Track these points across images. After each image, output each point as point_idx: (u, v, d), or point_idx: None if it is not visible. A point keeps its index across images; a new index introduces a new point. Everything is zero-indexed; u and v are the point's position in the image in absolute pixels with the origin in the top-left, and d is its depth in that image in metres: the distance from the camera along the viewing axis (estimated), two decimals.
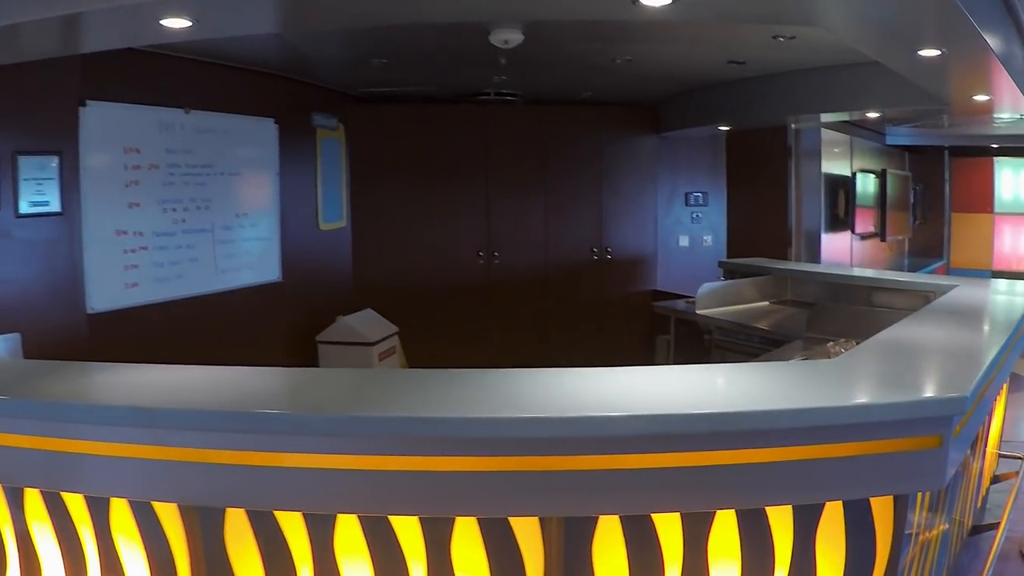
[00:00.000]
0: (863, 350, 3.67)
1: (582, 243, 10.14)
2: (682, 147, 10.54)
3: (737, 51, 7.00)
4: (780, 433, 2.63)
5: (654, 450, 2.59)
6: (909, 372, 3.37)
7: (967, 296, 5.75)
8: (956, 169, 15.29)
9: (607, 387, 2.94)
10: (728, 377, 3.23)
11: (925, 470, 2.81)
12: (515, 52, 6.16)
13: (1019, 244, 14.91)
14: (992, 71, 5.38)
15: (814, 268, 8.32)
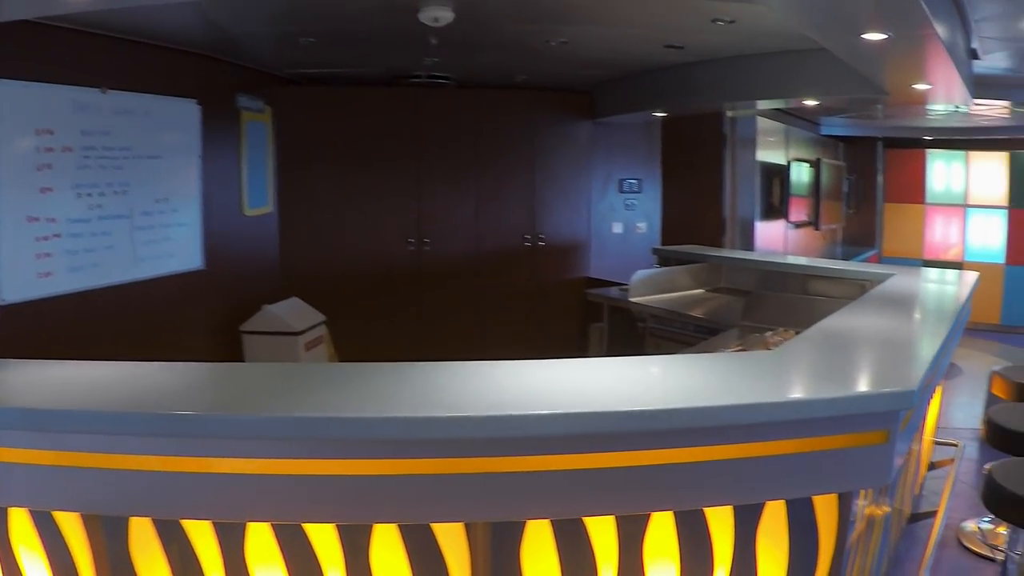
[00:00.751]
0: (803, 341, 3.61)
1: (514, 230, 10.04)
2: (617, 133, 10.47)
3: (675, 35, 6.92)
4: (720, 431, 2.55)
5: (585, 450, 2.49)
6: (852, 365, 3.33)
7: (903, 285, 5.74)
8: (889, 160, 15.51)
9: (536, 382, 2.83)
10: (664, 371, 3.13)
11: (871, 467, 2.77)
12: (446, 33, 6.05)
13: (949, 234, 15.13)
14: (936, 59, 5.34)
15: (750, 256, 8.33)
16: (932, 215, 15.16)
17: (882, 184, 15.53)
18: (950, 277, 6.66)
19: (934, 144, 15.05)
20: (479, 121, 9.90)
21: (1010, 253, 14.57)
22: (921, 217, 15.21)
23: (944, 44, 4.88)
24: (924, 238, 15.23)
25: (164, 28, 6.45)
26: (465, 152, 9.85)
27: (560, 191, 10.13)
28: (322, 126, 9.37)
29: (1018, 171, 14.54)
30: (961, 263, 14.67)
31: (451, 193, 9.83)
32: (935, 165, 15.12)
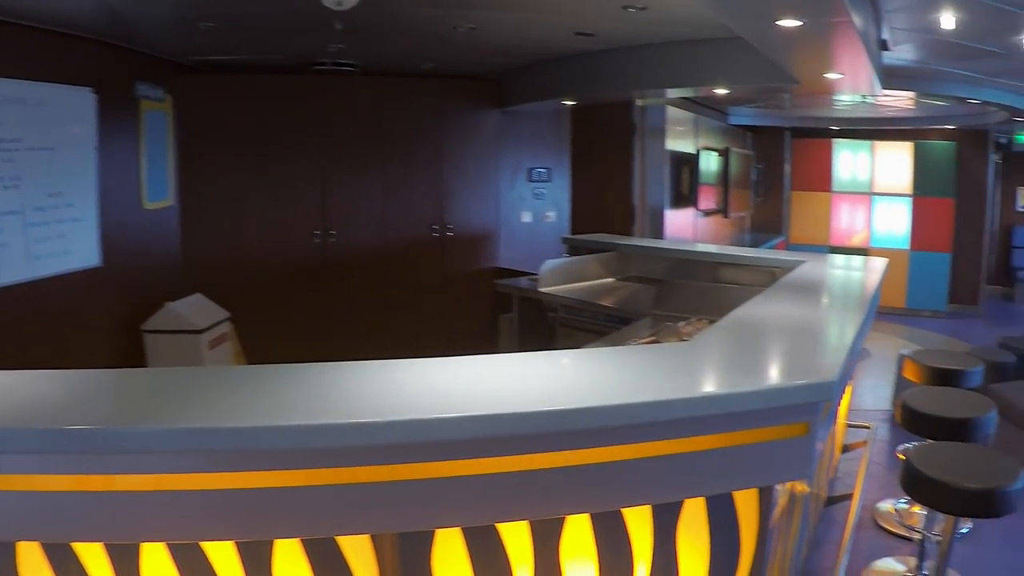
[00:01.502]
0: (717, 331, 3.59)
1: (422, 220, 9.98)
2: (526, 122, 10.45)
3: (585, 22, 6.91)
4: (636, 429, 2.49)
5: (496, 454, 2.39)
6: (770, 356, 3.31)
7: (814, 272, 5.80)
8: (797, 149, 15.84)
9: (442, 382, 2.69)
10: (576, 366, 3.04)
11: (792, 459, 2.76)
12: (351, 17, 5.96)
13: (855, 221, 15.53)
14: (850, 48, 5.39)
15: (660, 244, 8.36)
16: (838, 203, 15.57)
17: (789, 173, 15.86)
18: (860, 264, 6.75)
19: (841, 134, 15.41)
20: (386, 109, 9.80)
21: (914, 239, 15.04)
22: (828, 205, 15.59)
23: (859, 33, 4.92)
24: (831, 225, 15.66)
25: (57, 11, 6.23)
26: (371, 141, 9.74)
27: (468, 180, 10.09)
28: (224, 115, 9.19)
29: (922, 160, 14.96)
30: (867, 249, 15.13)
31: (357, 183, 9.73)
32: (841, 154, 15.52)
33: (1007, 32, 6.57)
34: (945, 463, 3.72)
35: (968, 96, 9.69)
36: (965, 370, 5.82)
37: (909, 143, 15.03)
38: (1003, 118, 11.99)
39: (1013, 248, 17.80)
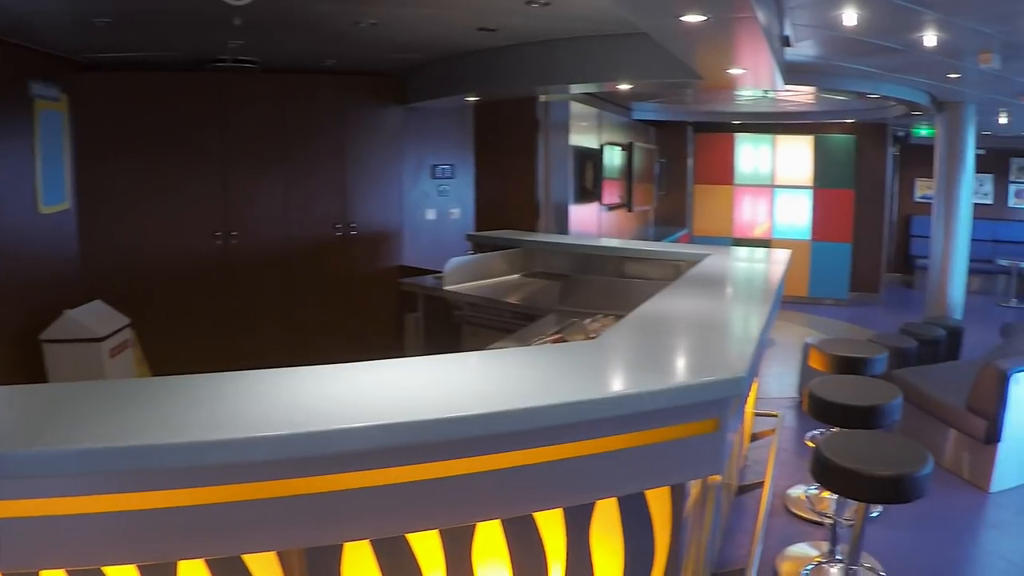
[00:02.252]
0: (624, 328, 3.61)
1: (325, 219, 9.91)
2: (429, 118, 10.44)
3: (488, 18, 6.92)
4: (544, 432, 2.47)
5: (402, 463, 2.34)
6: (677, 352, 3.33)
7: (718, 265, 5.88)
8: (699, 143, 16.14)
9: (343, 391, 2.61)
10: (481, 369, 2.99)
11: (703, 456, 2.78)
12: (250, 13, 5.88)
13: (757, 213, 15.90)
14: (753, 44, 5.47)
15: (564, 240, 8.38)
16: (741, 195, 15.93)
17: (692, 167, 16.12)
18: (763, 255, 6.88)
19: (742, 128, 15.75)
20: (287, 107, 9.70)
21: (816, 230, 15.45)
22: (730, 198, 15.93)
23: (763, 29, 5.00)
24: (733, 217, 16.02)
25: None
26: (273, 139, 9.64)
27: (372, 178, 10.05)
28: (123, 115, 8.97)
29: (823, 153, 15.35)
30: (769, 241, 15.57)
31: (259, 183, 9.61)
32: (743, 148, 15.88)
33: (906, 29, 6.74)
34: (854, 451, 3.81)
35: (867, 91, 9.90)
36: (869, 357, 5.99)
37: (810, 137, 15.42)
38: (902, 112, 12.30)
39: (911, 237, 18.34)
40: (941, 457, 7.24)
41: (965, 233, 11.59)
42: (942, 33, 6.76)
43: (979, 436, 6.72)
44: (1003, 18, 6.24)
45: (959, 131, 11.46)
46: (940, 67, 8.47)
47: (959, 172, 11.50)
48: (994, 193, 18.60)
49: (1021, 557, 5.62)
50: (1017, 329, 10.33)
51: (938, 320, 10.27)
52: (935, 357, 9.19)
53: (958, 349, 9.96)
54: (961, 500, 6.57)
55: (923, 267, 13.69)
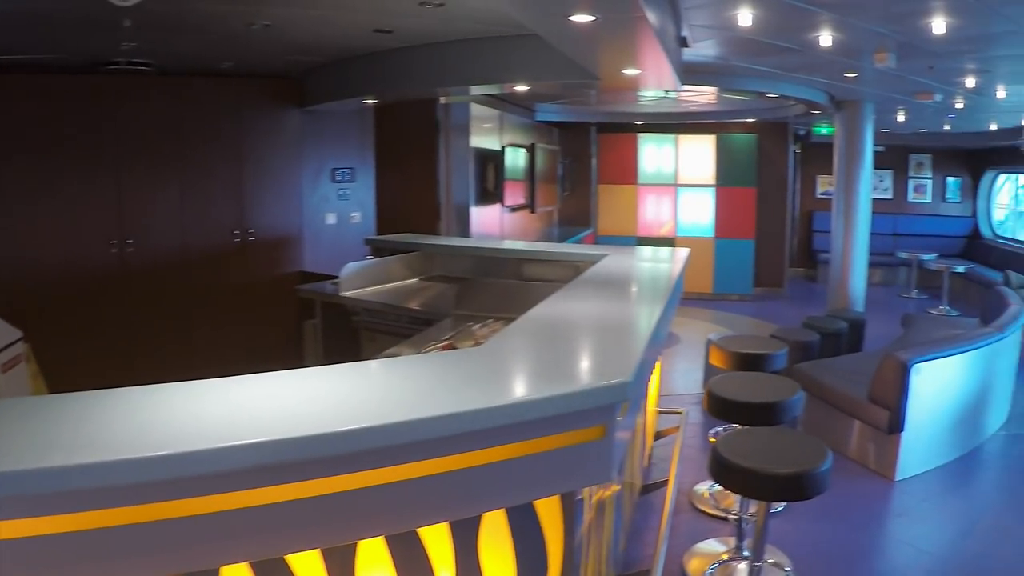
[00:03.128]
0: (511, 333, 3.51)
1: (223, 225, 9.66)
2: (329, 121, 10.26)
3: (384, 19, 6.81)
4: (421, 446, 2.35)
5: (275, 482, 2.19)
6: (562, 357, 3.22)
7: (615, 265, 5.83)
8: (603, 144, 16.20)
9: (217, 407, 2.44)
10: (360, 381, 2.84)
11: (591, 464, 2.68)
12: (140, 14, 5.70)
13: (662, 212, 16.00)
14: (646, 44, 5.44)
15: (462, 242, 8.30)
16: (645, 195, 16.01)
17: (596, 167, 16.14)
18: (662, 255, 6.87)
19: (645, 128, 15.84)
20: (184, 110, 9.42)
21: (719, 227, 15.61)
22: (634, 197, 16.00)
23: (654, 30, 4.96)
24: (638, 216, 16.09)
25: None
26: (169, 144, 9.35)
27: (270, 183, 9.84)
28: (11, 118, 8.60)
29: (725, 152, 15.54)
30: (674, 239, 15.71)
31: (155, 188, 9.31)
32: (647, 148, 15.97)
33: (802, 29, 6.79)
34: (752, 449, 3.80)
35: (767, 91, 10.00)
36: (770, 353, 6.00)
37: (712, 136, 15.58)
38: (802, 111, 12.48)
39: (814, 232, 18.69)
40: (846, 448, 7.30)
41: (865, 228, 11.77)
42: (838, 33, 6.82)
43: (882, 426, 6.78)
44: (896, 18, 6.32)
45: (857, 129, 11.66)
46: (837, 67, 8.57)
47: (858, 169, 11.68)
48: (893, 188, 19.09)
49: (928, 543, 5.68)
50: (917, 320, 10.52)
51: (840, 313, 10.39)
52: (838, 349, 9.30)
53: (860, 341, 10.09)
54: (867, 490, 6.61)
55: (825, 261, 13.91)
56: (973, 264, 16.34)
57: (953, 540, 5.88)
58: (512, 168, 11.12)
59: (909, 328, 10.17)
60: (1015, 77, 8.80)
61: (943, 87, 9.71)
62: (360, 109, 10.14)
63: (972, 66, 8.16)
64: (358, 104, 9.61)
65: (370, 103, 9.57)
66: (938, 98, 10.43)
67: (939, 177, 19.00)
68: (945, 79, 9.09)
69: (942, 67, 8.23)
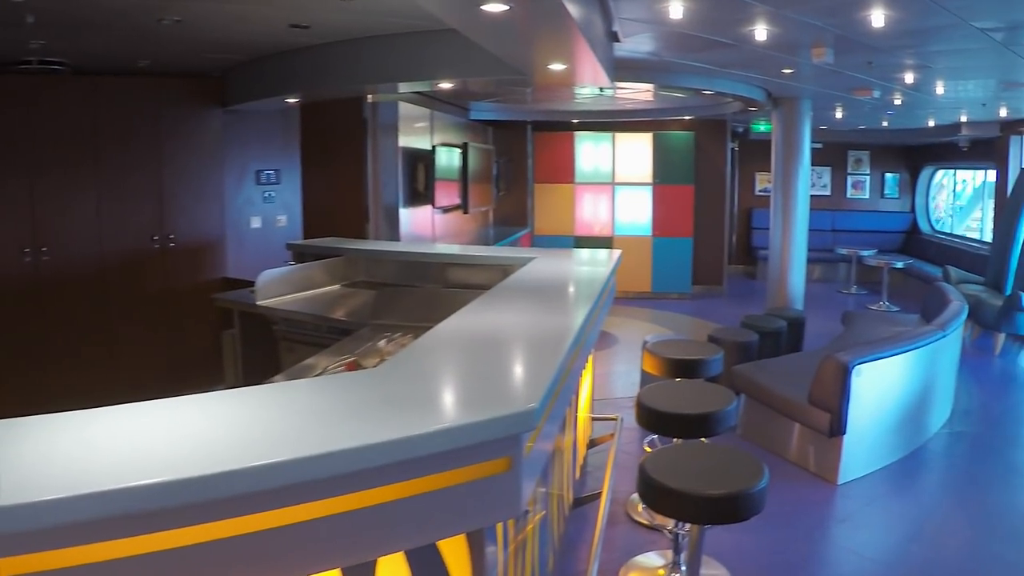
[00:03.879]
0: (414, 351, 3.18)
1: (142, 230, 9.23)
2: (253, 121, 9.93)
3: (299, 13, 6.52)
4: (299, 488, 2.03)
5: (124, 534, 1.87)
6: (465, 381, 2.90)
7: (541, 270, 5.59)
8: (539, 142, 15.99)
9: (64, 449, 2.10)
10: (230, 413, 2.43)
11: (496, 499, 2.38)
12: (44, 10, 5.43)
13: (599, 211, 15.84)
14: (568, 36, 5.18)
15: (385, 246, 7.91)
16: (582, 193, 15.83)
17: (532, 166, 15.94)
18: (591, 257, 6.64)
19: (582, 126, 15.67)
20: (99, 112, 9.00)
21: (656, 226, 15.53)
22: (571, 196, 15.82)
23: (577, 22, 4.72)
24: (575, 216, 15.91)
25: None
26: (84, 147, 8.92)
27: (192, 186, 9.44)
28: None
29: (662, 150, 15.46)
30: (611, 238, 15.62)
31: (70, 194, 8.88)
32: (583, 146, 15.79)
33: (736, 23, 6.61)
34: (682, 468, 3.56)
35: (703, 87, 9.84)
36: (705, 359, 5.78)
37: (649, 134, 15.48)
38: (739, 108, 12.37)
39: (753, 229, 18.81)
40: (787, 451, 7.14)
41: (803, 225, 11.71)
42: (773, 27, 6.66)
43: (823, 430, 6.61)
44: (833, 11, 6.16)
45: (795, 126, 11.61)
46: (774, 62, 8.43)
47: (796, 165, 11.62)
48: (832, 185, 19.25)
49: (871, 550, 5.54)
50: (857, 317, 10.46)
51: (779, 311, 10.27)
52: (777, 349, 9.17)
53: (801, 340, 9.99)
54: (809, 495, 6.45)
55: (765, 258, 13.88)
56: (912, 260, 16.53)
57: (898, 545, 5.73)
58: (444, 168, 10.78)
59: (849, 326, 10.08)
60: (953, 72, 8.70)
61: (882, 83, 9.61)
62: (285, 109, 9.81)
63: (911, 61, 8.04)
64: (281, 103, 9.27)
65: (291, 102, 9.24)
66: (876, 94, 10.38)
67: (877, 173, 19.20)
68: (884, 75, 8.98)
69: (881, 62, 8.09)
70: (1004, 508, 6.33)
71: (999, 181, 14.12)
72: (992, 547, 5.62)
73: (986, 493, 6.58)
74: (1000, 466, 7.18)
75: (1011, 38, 6.61)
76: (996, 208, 14.22)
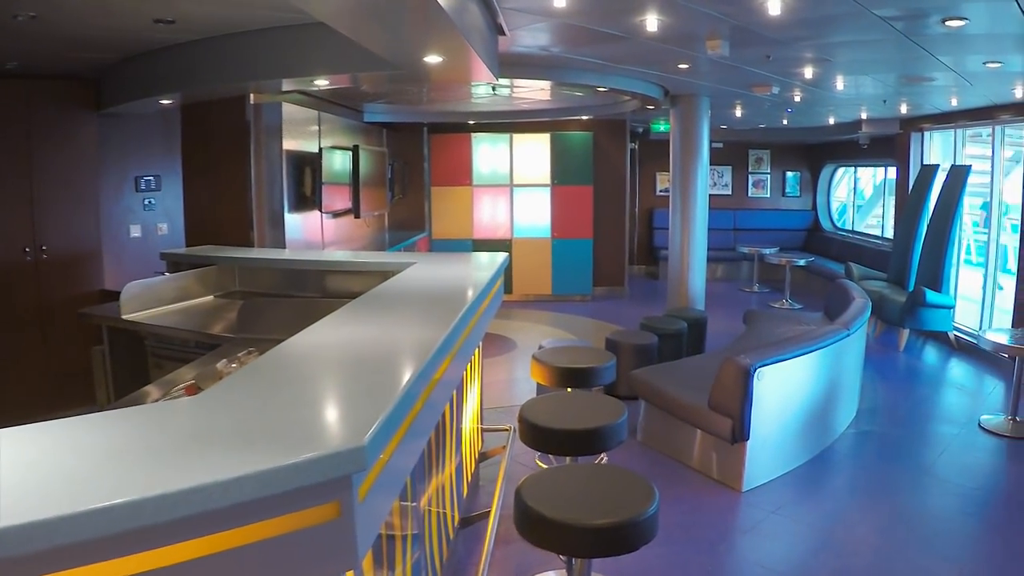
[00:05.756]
0: (247, 374, 2.76)
1: (12, 242, 8.59)
2: (131, 126, 9.40)
3: (162, 7, 6.07)
4: (60, 554, 1.63)
5: None
6: (293, 411, 2.40)
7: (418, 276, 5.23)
8: (435, 144, 15.66)
9: None
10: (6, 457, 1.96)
11: (326, 549, 2.01)
12: None
13: (497, 214, 15.58)
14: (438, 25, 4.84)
15: (255, 255, 7.30)
16: (480, 196, 15.55)
17: (428, 168, 15.61)
18: (476, 261, 6.26)
19: (479, 128, 15.42)
20: None
21: (556, 227, 15.39)
22: (469, 199, 15.53)
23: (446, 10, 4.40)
24: (473, 219, 15.62)
25: None
26: None
27: (65, 193, 8.81)
28: None
29: (560, 150, 15.33)
30: (510, 240, 15.43)
31: None
32: (481, 148, 15.52)
33: (625, 12, 6.34)
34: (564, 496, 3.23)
35: (597, 84, 9.61)
36: (596, 367, 5.50)
37: (547, 134, 15.30)
38: (637, 106, 12.15)
39: (655, 229, 18.91)
40: (689, 458, 6.92)
41: (702, 224, 11.60)
42: (664, 16, 6.39)
43: (725, 436, 6.37)
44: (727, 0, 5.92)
45: (693, 124, 11.50)
46: (669, 56, 8.19)
47: (694, 164, 11.50)
48: (733, 184, 19.41)
49: (779, 563, 5.34)
50: (759, 316, 10.34)
51: (680, 312, 10.12)
52: (678, 351, 9.00)
53: (702, 341, 9.85)
54: (713, 504, 6.21)
55: (666, 258, 13.77)
56: (814, 257, 16.62)
57: (806, 556, 5.51)
58: (333, 172, 10.34)
59: (752, 325, 9.93)
60: (854, 67, 8.55)
61: (781, 79, 9.45)
62: (165, 112, 9.30)
63: (810, 54, 7.85)
64: (156, 105, 8.76)
65: (168, 103, 8.71)
66: (776, 91, 10.26)
67: (778, 172, 19.40)
68: (782, 69, 8.79)
69: (779, 56, 7.89)
70: (915, 511, 6.17)
71: (899, 178, 14.18)
72: (905, 553, 5.46)
73: (895, 495, 6.41)
74: (909, 466, 7.03)
75: (912, 27, 6.42)
76: (897, 205, 14.29)
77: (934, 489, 6.60)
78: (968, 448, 7.50)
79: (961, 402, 9.25)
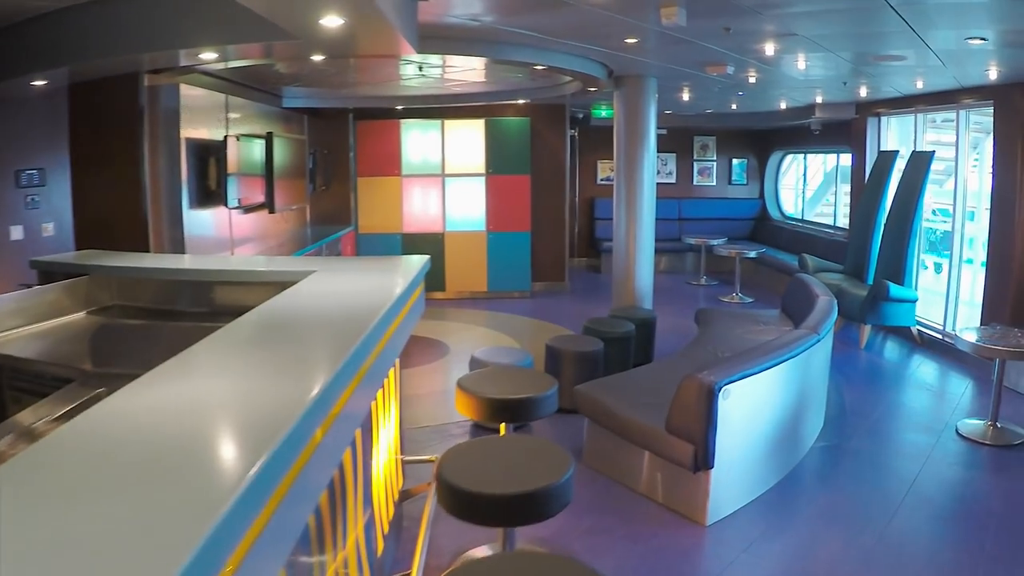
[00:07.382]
0: (22, 465, 1.75)
1: None
2: (10, 112, 8.35)
3: None
4: None
5: None
6: (79, 527, 1.46)
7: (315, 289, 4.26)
8: (361, 132, 14.72)
9: None
10: None
11: None
12: None
13: (428, 205, 14.72)
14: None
15: (131, 262, 5.77)
16: (410, 187, 14.68)
17: (355, 158, 14.67)
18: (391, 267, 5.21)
19: (408, 114, 14.62)
20: None
21: (491, 219, 14.67)
22: (398, 190, 14.66)
23: None
24: (403, 211, 14.76)
25: None
26: None
27: None
28: None
29: (495, 137, 14.58)
30: (442, 234, 14.66)
31: None
32: (410, 135, 14.68)
33: None
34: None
35: (535, 61, 8.74)
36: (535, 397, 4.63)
37: (481, 120, 14.54)
38: (578, 88, 11.33)
39: (596, 220, 18.52)
40: (644, 486, 6.08)
41: (649, 216, 10.83)
42: None
43: (686, 463, 5.53)
44: None
45: (639, 107, 10.75)
46: (616, 27, 7.33)
47: (640, 150, 10.74)
48: (678, 172, 18.89)
49: None
50: (713, 315, 9.66)
51: (627, 312, 9.39)
52: (626, 357, 8.26)
53: (652, 344, 9.15)
54: (677, 543, 5.36)
55: (609, 251, 13.09)
56: (764, 247, 16.21)
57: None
58: (241, 162, 9.34)
59: (705, 326, 9.17)
60: (819, 43, 7.76)
61: (738, 56, 8.66)
62: (50, 95, 8.28)
63: (772, 27, 7.04)
64: (30, 88, 7.72)
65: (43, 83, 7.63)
66: (731, 71, 9.49)
67: (724, 159, 18.89)
68: (741, 45, 7.99)
69: (740, 29, 7.09)
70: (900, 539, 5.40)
71: (856, 165, 13.54)
72: None
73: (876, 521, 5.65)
74: (888, 485, 6.30)
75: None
76: (853, 193, 13.65)
77: (919, 511, 5.82)
78: (948, 460, 6.81)
79: (933, 405, 8.59)
